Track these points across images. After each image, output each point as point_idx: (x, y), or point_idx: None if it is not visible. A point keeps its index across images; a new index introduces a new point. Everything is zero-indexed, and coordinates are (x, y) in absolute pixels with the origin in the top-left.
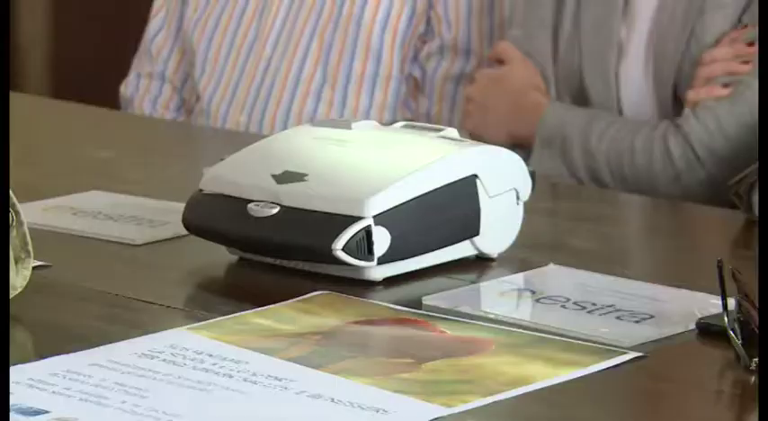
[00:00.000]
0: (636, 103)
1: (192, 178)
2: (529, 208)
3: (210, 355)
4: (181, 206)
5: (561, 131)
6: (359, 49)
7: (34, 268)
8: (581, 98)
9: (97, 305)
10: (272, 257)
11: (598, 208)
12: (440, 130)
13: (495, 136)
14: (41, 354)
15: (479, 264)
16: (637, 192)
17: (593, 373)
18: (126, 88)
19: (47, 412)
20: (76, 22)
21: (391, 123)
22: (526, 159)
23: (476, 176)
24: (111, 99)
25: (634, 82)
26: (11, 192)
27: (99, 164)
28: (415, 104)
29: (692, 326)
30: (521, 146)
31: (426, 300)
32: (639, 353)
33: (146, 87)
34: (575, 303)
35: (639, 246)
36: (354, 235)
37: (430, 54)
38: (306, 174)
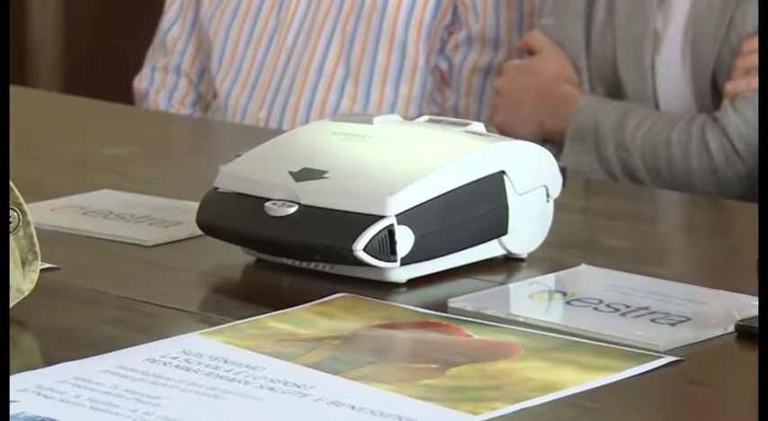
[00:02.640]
0: (672, 95)
1: (208, 176)
2: (560, 205)
3: (225, 361)
4: (195, 205)
5: (594, 125)
6: (383, 40)
7: (42, 271)
8: (615, 90)
9: (107, 309)
10: (290, 258)
11: (632, 205)
12: (466, 125)
13: (524, 130)
14: (49, 361)
15: (507, 264)
16: (673, 188)
17: (626, 379)
18: (140, 82)
19: None
20: (89, 14)
21: (416, 118)
22: (557, 154)
23: (503, 173)
24: (124, 94)
25: (671, 73)
26: (17, 191)
27: (110, 161)
28: (442, 98)
29: (732, 328)
30: (551, 140)
31: (452, 303)
32: (675, 357)
33: (161, 81)
34: (608, 305)
35: (676, 245)
36: (376, 235)
37: (457, 45)
38: (325, 172)
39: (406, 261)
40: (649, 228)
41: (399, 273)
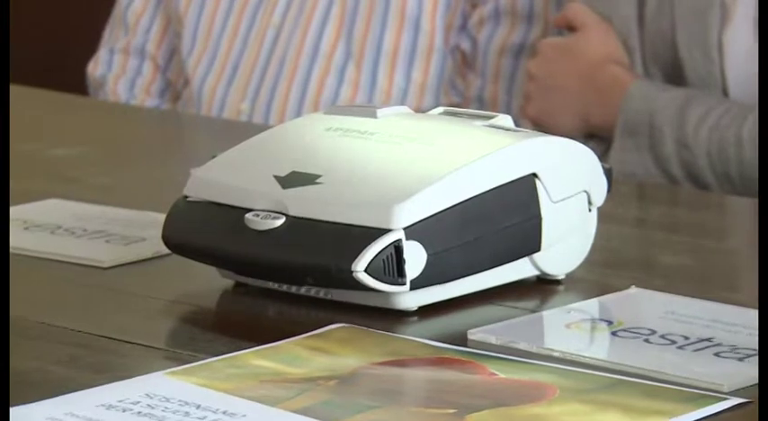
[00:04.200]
0: (744, 81)
1: (176, 182)
2: (605, 215)
3: (198, 407)
4: (161, 217)
5: (649, 117)
6: (391, 14)
7: None
8: (674, 74)
9: (55, 345)
10: (276, 282)
11: (695, 214)
12: (490, 118)
13: (563, 123)
14: None
15: (541, 287)
16: (744, 193)
17: None
18: (95, 67)
19: None
20: None
21: (430, 109)
22: (603, 153)
23: (535, 176)
24: (75, 82)
25: (742, 53)
26: None
27: (58, 164)
28: (464, 84)
29: None
30: (597, 136)
31: (473, 334)
32: (743, 400)
33: (121, 66)
34: (662, 336)
35: (747, 264)
36: (380, 252)
37: (482, 20)
38: (318, 176)
39: (417, 284)
40: (715, 243)
41: (409, 299)
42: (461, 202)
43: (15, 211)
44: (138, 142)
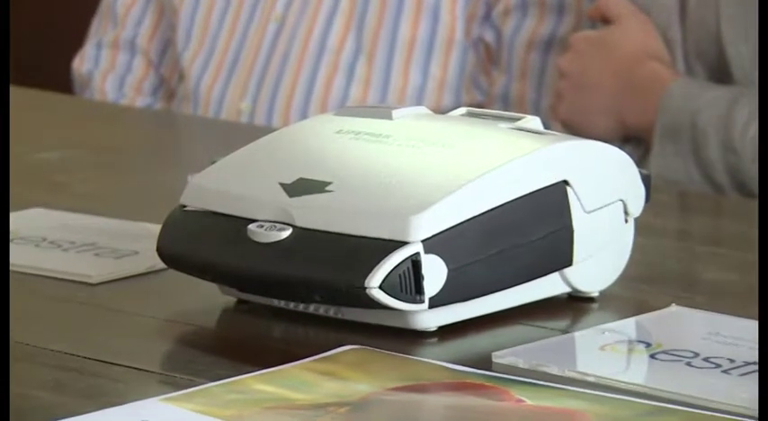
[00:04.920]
0: None
1: (172, 189)
2: (643, 227)
3: None
4: (156, 228)
5: (691, 118)
6: (406, 3)
7: None
8: (719, 70)
9: (40, 368)
10: (282, 299)
11: (742, 226)
12: (517, 119)
13: (597, 125)
14: None
15: (572, 306)
16: None
17: None
18: (82, 63)
19: None
20: None
21: (451, 110)
22: (641, 158)
23: (566, 183)
24: (60, 79)
25: None
26: None
27: (43, 169)
28: (488, 82)
29: None
30: (634, 139)
31: (498, 357)
32: None
33: (109, 61)
34: (705, 359)
35: None
36: (396, 267)
37: (507, 10)
38: (328, 183)
39: (437, 302)
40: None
41: (427, 319)
42: (485, 212)
43: None
44: (130, 145)
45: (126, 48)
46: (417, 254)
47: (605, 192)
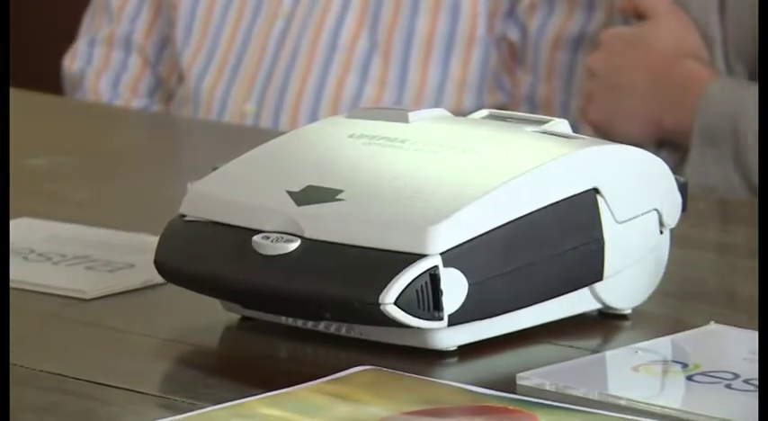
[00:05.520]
0: None
1: (171, 198)
2: (679, 238)
3: None
4: (153, 240)
5: (731, 122)
6: None
7: None
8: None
9: (31, 390)
10: (290, 316)
11: None
12: (543, 122)
13: (631, 129)
14: None
15: (603, 323)
16: None
17: None
18: (73, 61)
19: None
20: None
21: (472, 112)
22: (678, 164)
23: (597, 191)
24: (49, 79)
25: None
26: None
27: (30, 177)
28: (512, 82)
29: None
30: (670, 143)
31: (522, 379)
32: None
33: (103, 59)
34: (746, 381)
35: None
36: (413, 281)
37: (533, 5)
38: (340, 191)
39: (457, 319)
40: None
41: (447, 337)
42: (509, 223)
43: None
44: (125, 150)
45: (121, 45)
46: (436, 267)
47: (639, 201)
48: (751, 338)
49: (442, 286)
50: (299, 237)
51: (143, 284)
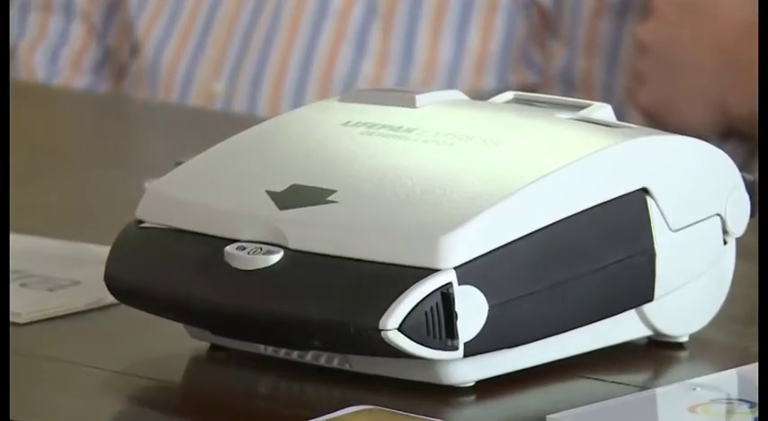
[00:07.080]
0: None
1: (125, 200)
2: (746, 249)
3: None
4: (103, 251)
5: None
6: None
7: None
8: None
9: None
10: (270, 345)
11: None
12: (581, 107)
13: (690, 116)
14: None
15: (654, 354)
16: None
17: None
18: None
19: None
20: None
21: (494, 94)
22: (747, 158)
23: (646, 192)
24: None
25: None
26: None
27: None
28: (543, 56)
29: None
30: (737, 133)
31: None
32: None
33: (38, 28)
34: None
35: None
36: (421, 302)
37: None
38: (332, 192)
39: (475, 349)
40: None
41: (462, 371)
42: (538, 231)
43: None
44: (67, 139)
45: (60, 10)
46: (449, 285)
47: (698, 205)
48: None
49: (457, 308)
50: (282, 247)
51: (90, 306)
